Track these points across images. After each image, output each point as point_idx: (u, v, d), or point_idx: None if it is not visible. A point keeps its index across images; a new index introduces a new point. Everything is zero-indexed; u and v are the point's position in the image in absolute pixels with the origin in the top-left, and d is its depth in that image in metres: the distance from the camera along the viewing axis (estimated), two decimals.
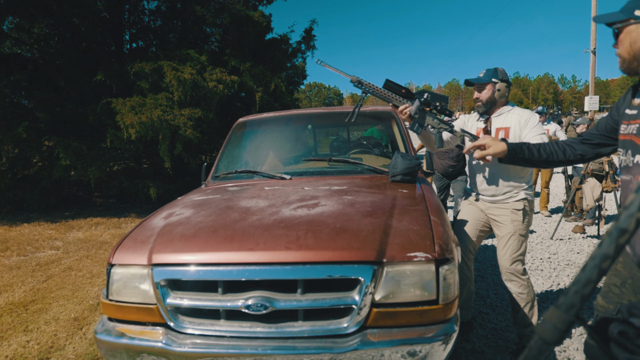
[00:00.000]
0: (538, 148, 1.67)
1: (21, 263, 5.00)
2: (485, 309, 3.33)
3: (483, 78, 2.49)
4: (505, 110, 2.52)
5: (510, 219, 2.52)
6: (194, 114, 7.14)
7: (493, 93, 2.48)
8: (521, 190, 2.52)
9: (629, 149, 1.34)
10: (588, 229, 5.83)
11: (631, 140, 1.34)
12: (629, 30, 1.31)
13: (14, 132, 7.19)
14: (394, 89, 2.45)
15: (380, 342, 1.57)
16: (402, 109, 2.42)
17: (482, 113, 2.57)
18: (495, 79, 2.46)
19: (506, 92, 2.50)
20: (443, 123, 2.49)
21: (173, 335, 1.69)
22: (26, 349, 2.93)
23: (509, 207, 2.52)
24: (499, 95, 2.48)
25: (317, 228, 1.75)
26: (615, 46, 1.37)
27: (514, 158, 1.68)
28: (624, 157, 1.37)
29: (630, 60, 1.32)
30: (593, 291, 0.63)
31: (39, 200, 8.01)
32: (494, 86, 2.47)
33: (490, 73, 2.48)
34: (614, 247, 0.59)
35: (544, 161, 1.67)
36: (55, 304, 3.71)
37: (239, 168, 3.07)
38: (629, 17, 1.30)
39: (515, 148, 1.66)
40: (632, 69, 1.34)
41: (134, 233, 2.00)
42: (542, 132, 2.38)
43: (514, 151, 1.66)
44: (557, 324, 0.64)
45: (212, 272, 1.67)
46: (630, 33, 1.30)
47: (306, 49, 10.41)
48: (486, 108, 2.53)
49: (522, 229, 2.52)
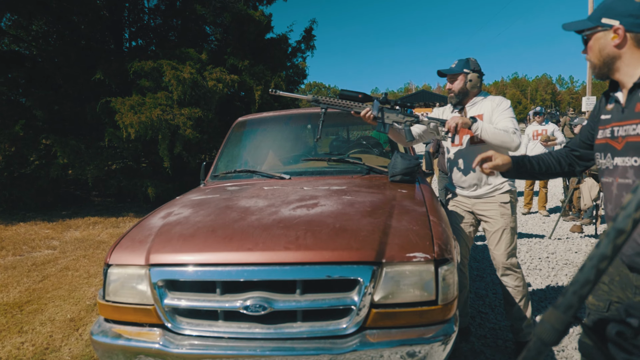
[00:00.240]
0: (537, 161, 1.69)
1: (17, 263, 4.98)
2: (485, 309, 3.33)
3: (455, 69, 2.49)
4: (479, 100, 2.52)
5: (500, 213, 2.51)
6: (194, 114, 7.13)
7: (465, 83, 2.48)
8: (505, 183, 2.51)
9: (608, 152, 1.39)
10: (586, 228, 5.84)
11: (607, 143, 1.38)
12: (597, 37, 1.35)
13: (11, 130, 7.16)
14: (351, 96, 2.50)
15: (380, 343, 1.57)
16: (364, 113, 2.44)
17: (455, 104, 2.58)
18: (467, 70, 2.47)
19: (478, 82, 2.50)
20: (407, 116, 2.49)
21: (170, 336, 1.68)
22: (21, 350, 2.91)
23: (496, 201, 2.51)
24: (470, 85, 2.48)
25: (316, 228, 1.74)
26: (585, 52, 1.42)
27: (519, 171, 1.70)
28: (603, 161, 1.41)
29: (600, 66, 1.37)
30: (591, 291, 0.62)
31: (35, 199, 7.98)
32: (466, 76, 2.47)
33: (462, 64, 2.48)
34: (611, 248, 0.59)
35: (543, 173, 1.71)
36: (51, 305, 3.69)
37: (238, 167, 3.05)
38: (597, 24, 1.34)
39: (519, 161, 1.69)
40: (604, 74, 1.39)
41: (131, 233, 1.98)
42: (511, 116, 2.40)
43: (518, 164, 1.69)
44: (556, 324, 0.64)
45: (211, 273, 1.65)
46: (599, 40, 1.35)
47: (306, 49, 10.40)
48: (459, 99, 2.53)
49: (512, 222, 2.53)
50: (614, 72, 1.35)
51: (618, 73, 1.34)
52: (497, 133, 2.30)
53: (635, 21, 1.27)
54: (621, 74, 1.33)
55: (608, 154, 1.38)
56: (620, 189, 1.33)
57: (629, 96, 1.31)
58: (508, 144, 2.30)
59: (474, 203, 2.59)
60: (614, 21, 1.30)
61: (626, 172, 1.31)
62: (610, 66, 1.35)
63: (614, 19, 1.30)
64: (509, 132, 2.30)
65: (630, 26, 1.28)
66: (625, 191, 1.32)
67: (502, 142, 2.31)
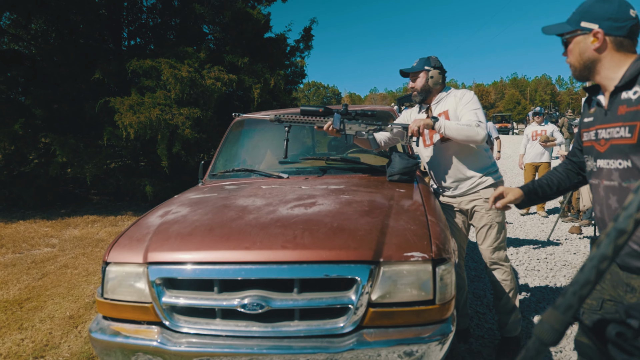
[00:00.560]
0: (547, 183, 1.69)
1: (16, 260, 4.98)
2: (482, 309, 3.33)
3: (416, 67, 2.51)
4: (443, 96, 2.52)
5: (485, 209, 2.50)
6: (193, 114, 7.12)
7: (427, 80, 2.49)
8: (488, 176, 2.50)
9: (592, 155, 1.40)
10: (585, 229, 5.84)
11: (592, 146, 1.40)
12: (577, 40, 1.36)
13: (10, 129, 7.15)
14: (312, 112, 2.55)
15: (377, 342, 1.57)
16: (326, 127, 2.50)
17: (419, 102, 2.60)
18: (427, 67, 2.48)
19: (440, 79, 2.50)
20: (370, 125, 2.55)
21: (168, 334, 1.68)
22: (20, 347, 2.91)
23: (480, 196, 2.50)
24: (433, 82, 2.49)
25: (314, 227, 1.75)
26: (565, 54, 1.43)
27: (531, 199, 1.71)
28: (589, 163, 1.42)
29: (581, 69, 1.38)
30: (591, 292, 0.62)
31: (35, 197, 7.97)
32: (427, 74, 2.48)
33: (423, 61, 2.50)
34: (612, 248, 0.59)
35: (557, 192, 1.71)
36: (51, 302, 3.69)
37: (236, 166, 3.05)
38: (576, 28, 1.35)
39: (530, 190, 1.70)
40: (584, 77, 1.39)
41: (129, 231, 1.99)
42: (474, 108, 2.37)
43: (530, 193, 1.69)
44: (555, 324, 0.63)
45: (208, 271, 1.66)
46: (579, 43, 1.35)
47: (305, 48, 10.41)
48: (422, 97, 2.54)
49: (497, 217, 2.51)
50: (595, 74, 1.36)
51: (599, 76, 1.35)
52: (460, 129, 2.30)
53: (613, 24, 1.28)
54: (602, 77, 1.34)
55: (592, 157, 1.40)
56: (606, 191, 1.34)
57: (611, 99, 1.31)
58: (473, 138, 2.30)
59: (460, 202, 2.58)
60: (593, 25, 1.30)
61: (611, 175, 1.32)
62: (590, 69, 1.35)
63: (592, 23, 1.31)
64: (472, 126, 2.29)
65: (609, 30, 1.28)
66: (611, 193, 1.33)
67: (466, 137, 2.31)
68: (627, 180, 1.27)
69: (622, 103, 1.27)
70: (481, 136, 2.29)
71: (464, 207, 2.58)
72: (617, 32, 1.28)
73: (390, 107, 3.44)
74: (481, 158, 2.50)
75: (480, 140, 2.30)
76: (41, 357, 2.77)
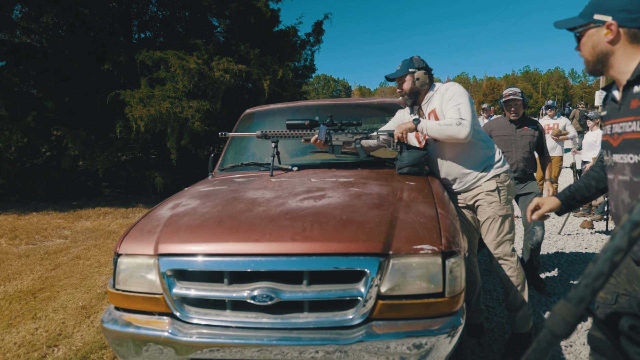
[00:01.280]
0: (585, 186, 1.66)
1: (30, 251, 5.06)
2: (492, 303, 3.32)
3: (400, 71, 2.48)
4: (430, 95, 2.49)
5: (487, 202, 2.45)
6: (202, 106, 7.14)
7: (413, 83, 2.46)
8: (489, 169, 2.45)
9: (608, 149, 1.39)
10: (596, 224, 5.78)
11: (607, 140, 1.38)
12: (590, 34, 1.34)
13: (22, 121, 7.25)
14: (298, 125, 2.60)
15: (386, 334, 1.57)
16: (313, 140, 2.54)
17: (410, 105, 2.57)
18: (412, 69, 2.45)
19: (426, 79, 2.47)
20: (356, 134, 2.58)
21: (179, 325, 1.70)
22: (35, 336, 2.97)
23: (483, 190, 2.46)
24: (419, 83, 2.45)
25: (323, 220, 1.75)
26: (578, 49, 1.41)
27: (570, 205, 1.68)
28: (607, 158, 1.41)
29: (594, 63, 1.36)
30: (604, 284, 0.61)
31: (47, 189, 8.09)
32: (413, 76, 2.45)
33: (406, 64, 2.47)
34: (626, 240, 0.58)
35: (596, 193, 1.67)
36: (64, 292, 3.75)
37: (245, 159, 3.06)
38: (589, 21, 1.33)
39: (567, 196, 1.67)
40: (597, 70, 1.37)
41: (140, 223, 2.00)
42: (457, 104, 2.32)
43: (567, 199, 1.67)
44: (567, 317, 0.63)
45: (218, 263, 1.67)
46: (592, 36, 1.33)
47: (315, 42, 10.36)
48: (412, 99, 2.51)
49: (500, 210, 2.45)
50: (608, 68, 1.34)
51: (612, 70, 1.33)
52: (440, 129, 2.28)
53: (627, 16, 1.25)
54: (615, 70, 1.32)
55: (608, 151, 1.38)
56: (620, 185, 1.33)
57: (624, 93, 1.29)
58: (455, 137, 2.27)
59: (464, 197, 2.55)
60: (607, 17, 1.28)
61: (624, 169, 1.30)
62: (604, 63, 1.33)
63: (606, 15, 1.28)
64: (453, 125, 2.25)
65: (623, 21, 1.26)
66: (624, 188, 1.31)
67: (448, 137, 2.29)
68: (638, 175, 1.25)
69: (634, 97, 1.25)
70: (463, 134, 2.25)
71: (468, 203, 2.55)
72: (631, 23, 1.25)
73: (400, 99, 3.41)
74: (479, 152, 2.45)
75: (463, 139, 2.27)
76: (55, 346, 2.83)
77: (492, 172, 2.44)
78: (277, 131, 2.64)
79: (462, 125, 2.24)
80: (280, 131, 2.63)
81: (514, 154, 3.64)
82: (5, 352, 2.76)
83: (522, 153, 3.62)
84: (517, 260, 2.50)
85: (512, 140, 3.65)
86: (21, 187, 8.02)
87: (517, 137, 3.64)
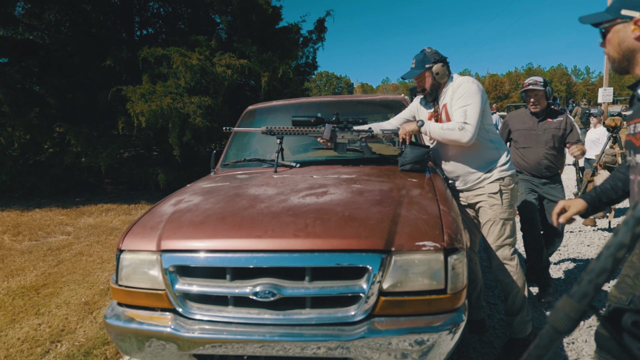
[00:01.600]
0: (611, 187, 1.62)
1: (33, 247, 5.08)
2: (494, 300, 3.32)
3: (416, 70, 2.39)
4: (445, 88, 2.43)
5: (489, 204, 2.41)
6: (204, 102, 7.15)
7: (433, 78, 2.39)
8: (494, 171, 2.39)
9: (631, 149, 1.36)
10: (599, 221, 5.76)
11: (630, 140, 1.36)
12: (616, 29, 1.31)
13: (25, 118, 7.26)
14: (303, 122, 2.59)
15: (388, 331, 1.57)
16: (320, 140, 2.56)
17: (432, 101, 2.50)
18: (428, 64, 2.36)
19: (445, 70, 2.40)
20: (362, 132, 2.56)
21: (181, 320, 1.70)
22: (38, 331, 2.98)
23: (485, 191, 2.41)
24: (439, 77, 2.39)
25: (325, 216, 1.75)
26: (603, 45, 1.37)
27: (596, 207, 1.65)
28: (630, 158, 1.39)
29: (620, 60, 1.33)
30: (607, 280, 0.61)
31: (50, 186, 8.11)
32: (431, 72, 2.37)
33: (420, 60, 2.38)
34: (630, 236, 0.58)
35: (622, 195, 1.63)
36: (66, 288, 3.77)
37: (247, 156, 3.06)
38: (616, 16, 1.29)
39: (594, 198, 1.64)
40: (623, 68, 1.34)
41: (143, 219, 2.01)
42: (464, 105, 2.25)
43: (593, 201, 1.64)
44: (570, 312, 0.63)
45: (221, 259, 1.67)
46: (618, 32, 1.30)
47: (317, 40, 10.33)
48: (434, 95, 2.45)
49: (502, 213, 2.40)
50: (634, 66, 1.30)
51: (638, 67, 1.30)
52: (443, 133, 2.25)
53: None
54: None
55: (631, 151, 1.36)
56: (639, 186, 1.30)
57: None
58: (457, 142, 2.24)
59: (467, 196, 2.53)
60: (635, 12, 1.25)
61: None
62: (630, 60, 1.30)
63: (634, 10, 1.26)
64: (455, 130, 2.22)
65: None
66: None
67: (450, 142, 2.27)
68: None
69: None
70: (464, 139, 2.22)
71: (471, 202, 2.53)
72: None
73: (402, 96, 3.40)
74: (485, 152, 2.40)
75: (465, 143, 2.24)
76: (58, 342, 2.84)
77: (496, 174, 2.39)
78: (282, 127, 2.63)
79: (464, 130, 2.21)
80: (285, 127, 2.62)
81: (536, 150, 3.31)
82: (9, 347, 2.78)
83: (545, 149, 3.28)
84: (517, 264, 2.46)
85: (533, 134, 3.32)
86: (24, 183, 8.04)
87: (539, 131, 3.30)
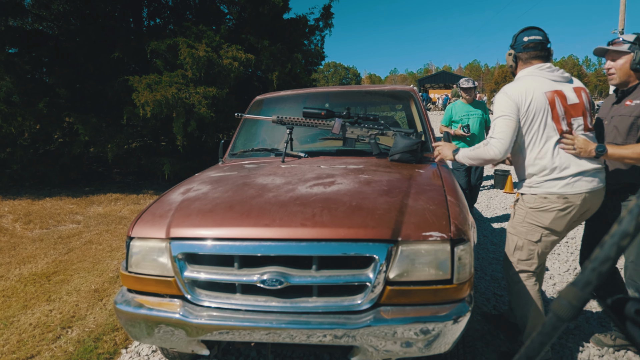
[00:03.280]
0: None
1: (44, 236, 5.16)
2: (500, 291, 3.32)
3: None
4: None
5: (513, 212, 2.30)
6: (209, 92, 7.14)
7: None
8: (521, 183, 2.22)
9: None
10: None
11: None
12: None
13: (35, 108, 7.32)
14: (314, 114, 2.57)
15: (393, 320, 1.59)
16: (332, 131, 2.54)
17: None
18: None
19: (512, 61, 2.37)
20: (372, 129, 2.54)
21: (190, 307, 1.73)
22: (49, 317, 3.04)
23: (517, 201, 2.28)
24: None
25: (332, 206, 1.76)
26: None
27: None
28: None
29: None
30: (610, 268, 0.62)
31: (60, 175, 8.20)
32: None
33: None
34: (634, 225, 0.58)
35: None
36: (77, 276, 3.83)
37: (255, 146, 3.08)
38: None
39: None
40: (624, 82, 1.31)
41: (152, 207, 2.03)
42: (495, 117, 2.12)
43: None
44: (573, 300, 0.63)
45: (229, 247, 1.69)
46: None
47: (324, 27, 10.25)
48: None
49: (512, 228, 2.26)
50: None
51: None
52: (471, 155, 2.18)
53: None
54: None
55: None
56: None
57: None
58: (486, 160, 2.13)
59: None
60: None
61: None
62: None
63: None
64: (480, 147, 2.13)
65: None
66: None
67: (480, 163, 2.19)
68: None
69: None
70: (490, 155, 2.09)
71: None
72: None
73: (410, 87, 3.38)
74: (523, 165, 2.17)
75: (490, 158, 2.11)
76: (69, 328, 2.90)
77: (523, 188, 2.20)
78: (293, 118, 2.63)
79: (489, 145, 2.09)
80: (296, 118, 2.62)
81: None
82: (22, 332, 2.84)
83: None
84: (523, 288, 2.22)
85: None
86: (35, 172, 8.13)
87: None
